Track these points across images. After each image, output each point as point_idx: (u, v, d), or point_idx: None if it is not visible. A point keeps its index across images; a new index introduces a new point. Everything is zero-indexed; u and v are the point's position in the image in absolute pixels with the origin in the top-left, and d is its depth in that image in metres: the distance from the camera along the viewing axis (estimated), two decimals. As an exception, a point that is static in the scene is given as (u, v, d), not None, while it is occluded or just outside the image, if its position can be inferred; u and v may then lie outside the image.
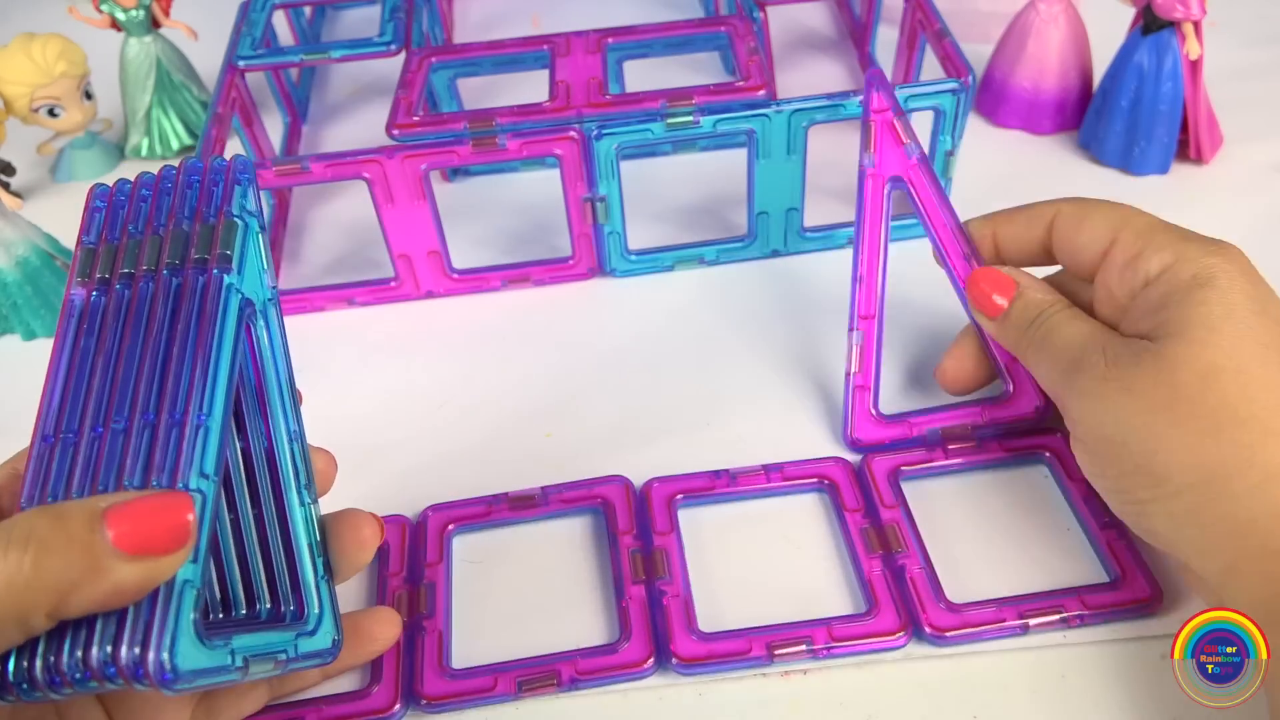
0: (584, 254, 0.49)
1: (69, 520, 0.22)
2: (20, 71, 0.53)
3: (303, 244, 0.54)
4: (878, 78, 0.39)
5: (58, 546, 0.22)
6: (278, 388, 0.30)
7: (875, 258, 0.39)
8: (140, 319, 0.27)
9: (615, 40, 0.49)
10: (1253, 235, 0.49)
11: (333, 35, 0.70)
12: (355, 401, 0.45)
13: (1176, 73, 0.49)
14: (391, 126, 0.45)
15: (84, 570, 0.22)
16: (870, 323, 0.40)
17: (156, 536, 0.22)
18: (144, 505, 0.23)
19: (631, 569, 0.36)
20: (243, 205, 0.28)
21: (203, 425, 0.25)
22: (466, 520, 0.39)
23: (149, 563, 0.22)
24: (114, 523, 0.22)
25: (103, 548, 0.22)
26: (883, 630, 0.34)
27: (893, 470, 0.39)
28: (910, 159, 0.38)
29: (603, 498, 0.39)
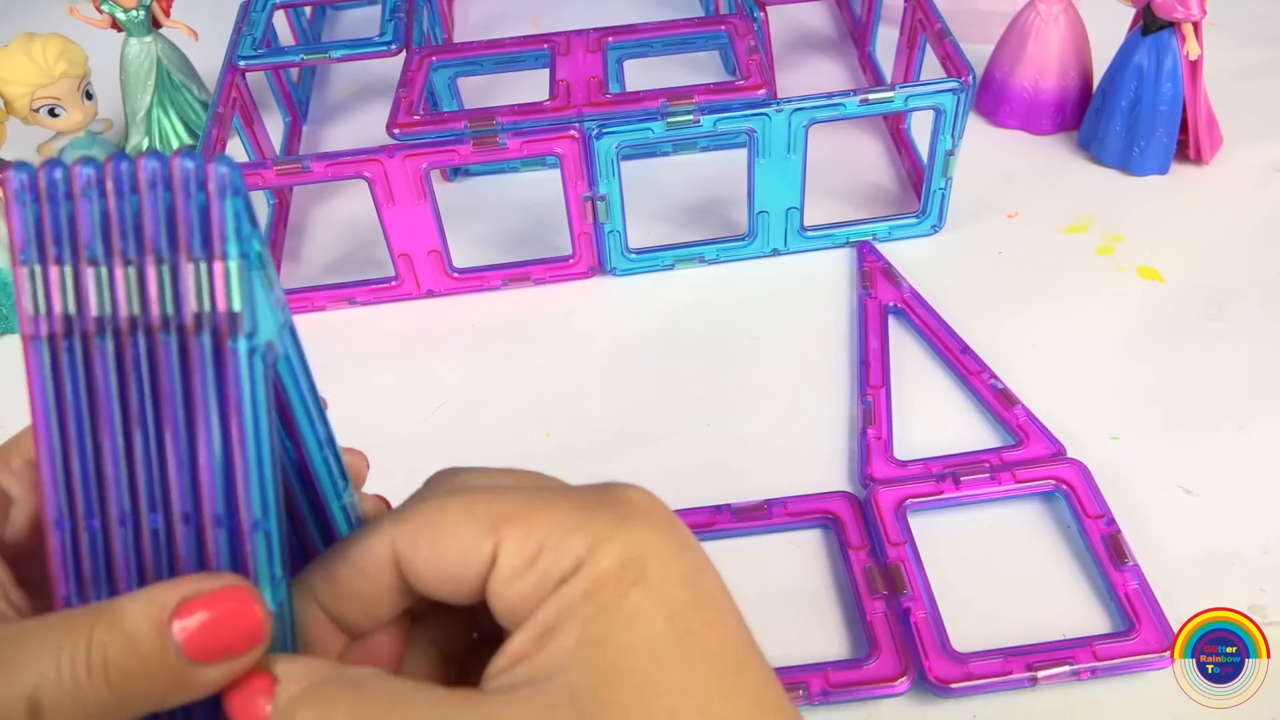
0: (584, 253, 0.49)
1: (138, 641, 0.21)
2: (21, 71, 0.53)
3: (303, 243, 0.54)
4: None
5: (134, 668, 0.21)
6: (303, 406, 0.26)
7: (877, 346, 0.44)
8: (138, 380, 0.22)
9: (615, 39, 0.49)
10: (1253, 235, 0.49)
11: (333, 35, 0.70)
12: (356, 400, 0.45)
13: (1176, 73, 0.49)
14: (392, 126, 0.45)
15: (167, 685, 0.21)
16: (879, 390, 0.43)
17: (231, 638, 0.21)
18: (209, 603, 0.21)
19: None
20: (240, 231, 0.21)
21: (260, 529, 0.22)
22: None
23: (228, 664, 0.21)
24: (185, 636, 0.21)
25: (179, 661, 0.21)
26: (882, 676, 0.33)
27: (899, 503, 0.38)
28: (902, 291, 0.46)
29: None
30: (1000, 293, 0.47)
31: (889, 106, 0.45)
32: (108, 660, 0.21)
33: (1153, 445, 0.40)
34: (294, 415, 0.25)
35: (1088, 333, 0.45)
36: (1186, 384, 0.43)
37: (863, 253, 0.49)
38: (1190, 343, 0.44)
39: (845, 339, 0.46)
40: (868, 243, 0.49)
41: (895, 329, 0.46)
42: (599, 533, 0.22)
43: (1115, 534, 0.36)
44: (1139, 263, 0.48)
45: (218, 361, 0.22)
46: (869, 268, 0.48)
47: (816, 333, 0.46)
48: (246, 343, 0.22)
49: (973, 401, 0.43)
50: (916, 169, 0.53)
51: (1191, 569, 0.36)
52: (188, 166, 0.21)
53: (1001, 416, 0.41)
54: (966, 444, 0.40)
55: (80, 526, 0.22)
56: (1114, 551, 0.36)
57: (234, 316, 0.21)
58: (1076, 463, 0.39)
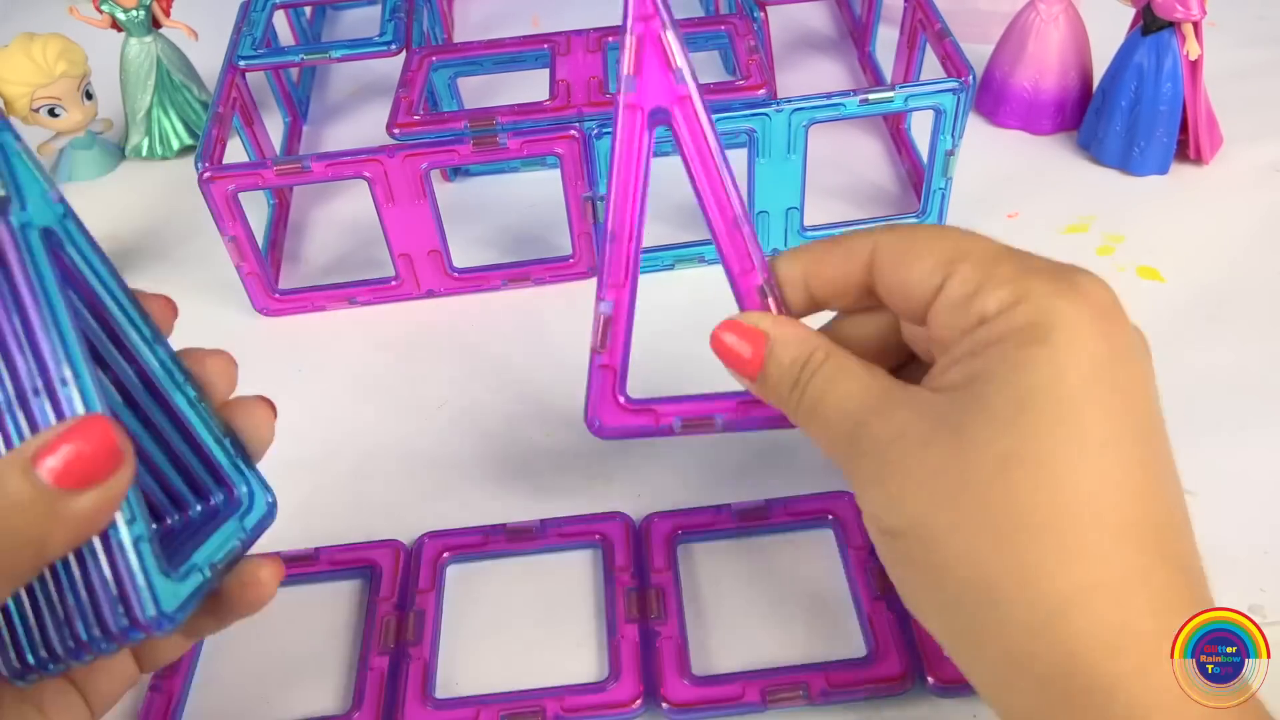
0: (584, 253, 0.49)
1: (5, 482, 0.22)
2: (21, 71, 0.53)
3: (303, 244, 0.54)
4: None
5: (9, 510, 0.22)
6: (115, 303, 0.27)
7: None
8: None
9: (615, 39, 0.49)
10: (1253, 235, 0.49)
11: (333, 35, 0.70)
12: (355, 400, 0.45)
13: (1176, 73, 0.49)
14: (392, 126, 0.45)
15: (45, 522, 0.22)
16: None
17: (94, 464, 0.23)
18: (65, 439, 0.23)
19: (626, 607, 0.35)
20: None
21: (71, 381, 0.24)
22: (462, 549, 0.38)
23: (99, 490, 0.23)
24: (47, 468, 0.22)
25: (50, 495, 0.22)
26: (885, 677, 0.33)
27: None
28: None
29: (602, 534, 0.38)
30: (1000, 293, 0.47)
31: (889, 106, 0.45)
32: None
33: (1153, 445, 0.40)
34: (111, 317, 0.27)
35: (1088, 333, 0.45)
36: (1186, 384, 0.43)
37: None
38: (1190, 343, 0.44)
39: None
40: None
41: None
42: (1027, 292, 0.25)
43: None
44: (1139, 263, 0.48)
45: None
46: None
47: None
48: (18, 217, 0.24)
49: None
50: (916, 169, 0.53)
51: (1191, 569, 0.36)
52: None
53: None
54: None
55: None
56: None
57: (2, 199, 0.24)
58: None
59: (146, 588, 0.24)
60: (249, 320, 0.49)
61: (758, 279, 0.31)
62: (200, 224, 0.48)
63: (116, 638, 0.24)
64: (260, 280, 0.48)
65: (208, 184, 0.44)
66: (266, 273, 0.48)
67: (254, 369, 0.47)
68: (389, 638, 0.35)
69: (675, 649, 0.34)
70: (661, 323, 0.48)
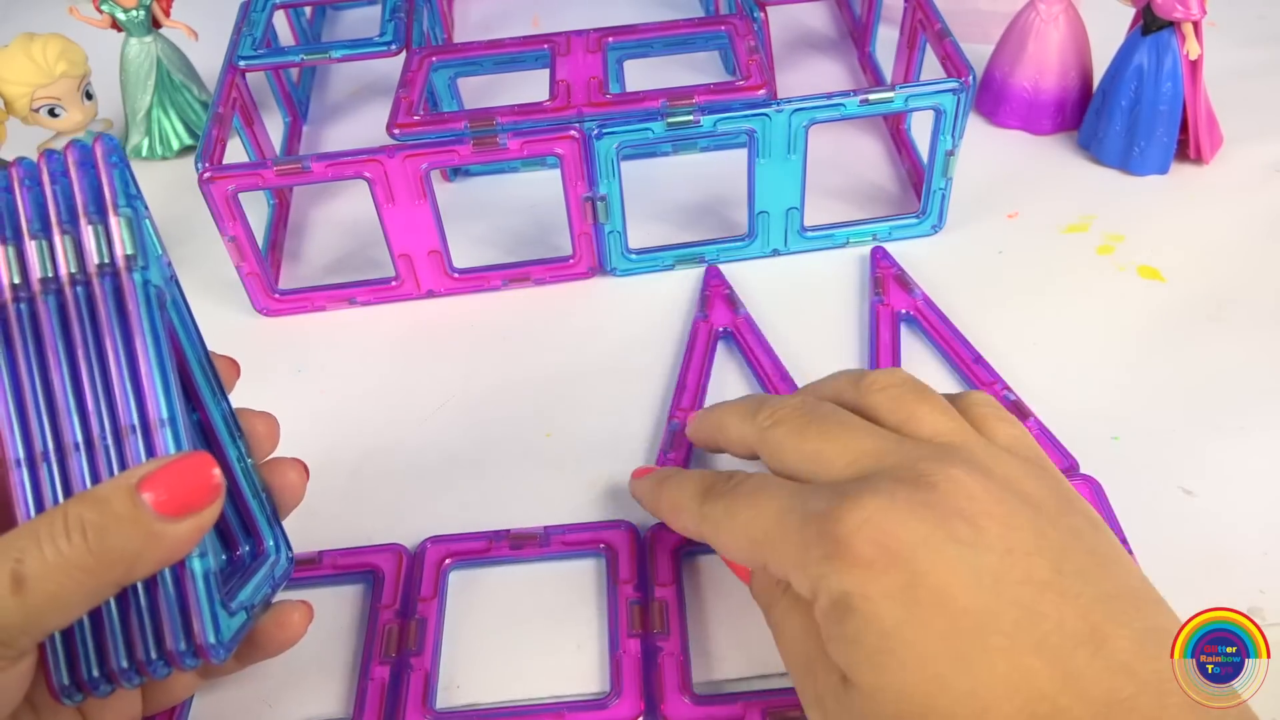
0: (584, 253, 0.49)
1: (111, 502, 0.24)
2: (20, 71, 0.53)
3: (303, 244, 0.54)
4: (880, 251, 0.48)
5: (111, 526, 0.24)
6: (196, 358, 0.31)
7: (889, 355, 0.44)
8: (62, 330, 0.27)
9: (615, 39, 0.49)
10: (1253, 235, 0.49)
11: (333, 35, 0.70)
12: (355, 400, 0.45)
13: (1176, 73, 0.49)
14: (392, 126, 0.45)
15: (142, 541, 0.24)
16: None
17: (193, 495, 0.25)
18: (171, 471, 0.25)
19: (629, 621, 0.35)
20: (127, 192, 0.28)
21: (168, 424, 0.26)
22: (465, 555, 0.38)
23: (193, 519, 0.25)
24: (151, 493, 0.24)
25: (150, 517, 0.24)
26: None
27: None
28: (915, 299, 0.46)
29: (606, 543, 0.38)
30: (1000, 292, 0.47)
31: (889, 106, 0.45)
32: (85, 523, 0.23)
33: (1153, 445, 0.40)
34: (192, 373, 0.30)
35: (1088, 332, 0.45)
36: (1186, 384, 0.43)
37: (876, 258, 0.48)
38: (1190, 343, 0.44)
39: (847, 339, 0.46)
40: (881, 248, 0.49)
41: (906, 337, 0.45)
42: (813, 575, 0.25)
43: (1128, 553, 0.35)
44: (1139, 262, 0.48)
45: (118, 292, 0.27)
46: (882, 274, 0.47)
47: (819, 334, 0.46)
48: (141, 275, 0.27)
49: None
50: (916, 169, 0.53)
51: (1191, 569, 0.36)
52: (79, 150, 0.28)
53: None
54: None
55: (41, 465, 0.26)
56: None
57: (129, 258, 0.27)
58: (1090, 479, 0.38)
59: (210, 616, 0.26)
60: (249, 320, 0.49)
61: None
62: (200, 224, 0.48)
63: (175, 660, 0.26)
64: (260, 280, 0.48)
65: (208, 184, 0.44)
66: (266, 273, 0.48)
67: (254, 369, 0.47)
68: (390, 646, 0.35)
69: (677, 665, 0.34)
70: (661, 321, 0.48)
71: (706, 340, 0.45)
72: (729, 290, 0.47)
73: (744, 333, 0.45)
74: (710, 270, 0.49)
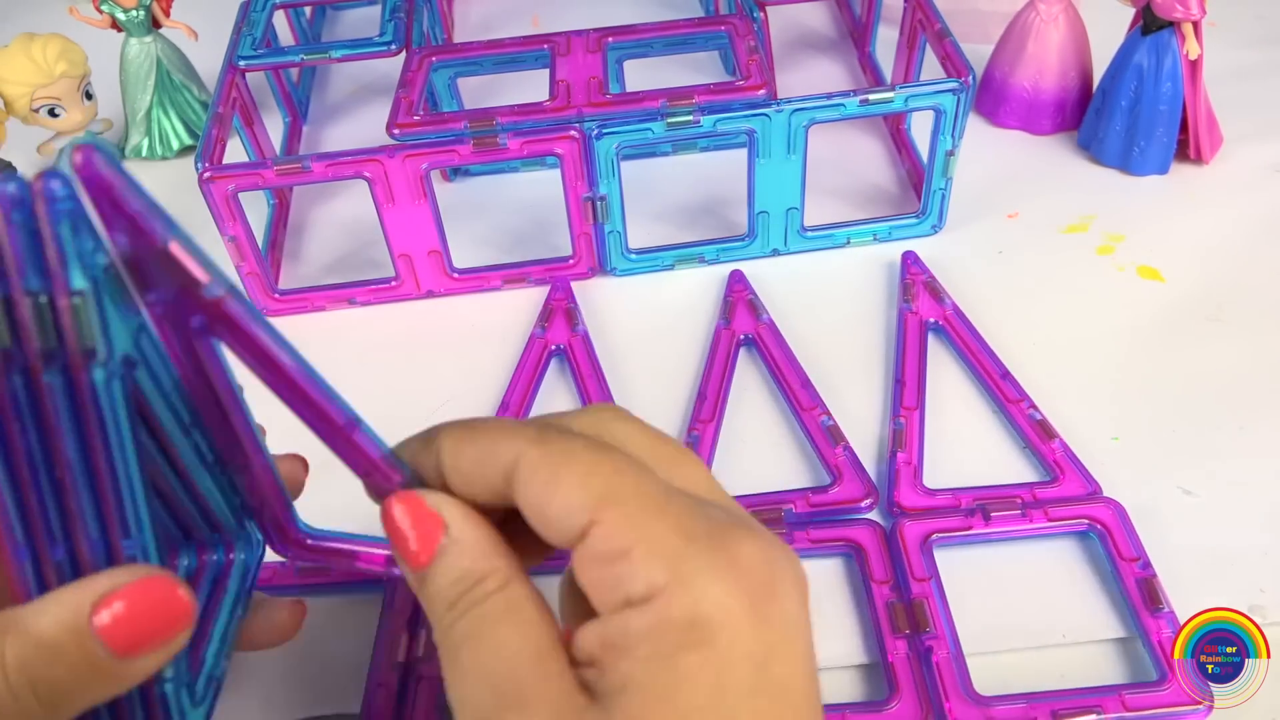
0: (584, 253, 0.49)
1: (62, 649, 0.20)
2: (21, 71, 0.53)
3: (303, 244, 0.54)
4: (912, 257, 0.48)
5: (62, 676, 0.20)
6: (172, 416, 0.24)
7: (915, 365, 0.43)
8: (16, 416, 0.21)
9: (615, 39, 0.49)
10: (1253, 235, 0.49)
11: (333, 35, 0.70)
12: (355, 401, 0.45)
13: (1176, 73, 0.49)
14: (392, 126, 0.45)
15: (100, 684, 0.21)
16: (914, 412, 0.41)
17: (155, 631, 0.21)
18: (132, 595, 0.21)
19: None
20: (82, 258, 0.19)
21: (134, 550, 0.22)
22: None
23: (154, 655, 0.21)
24: (108, 635, 0.20)
25: (108, 660, 0.20)
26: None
27: (925, 537, 0.36)
28: (945, 308, 0.45)
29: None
30: (1000, 292, 0.47)
31: (889, 107, 0.45)
32: (33, 677, 0.20)
33: (1153, 445, 0.40)
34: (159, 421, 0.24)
35: (1088, 332, 0.45)
36: (1186, 384, 0.43)
37: (906, 263, 0.48)
38: (1190, 343, 0.44)
39: (848, 341, 0.46)
40: (913, 253, 0.48)
41: (933, 346, 0.44)
42: (684, 573, 0.20)
43: (1150, 578, 0.35)
44: (1139, 262, 0.48)
45: (71, 389, 0.20)
46: (912, 280, 0.46)
47: (819, 334, 0.46)
48: (103, 371, 0.20)
49: (1009, 431, 0.41)
50: (916, 169, 0.53)
51: (1191, 569, 0.36)
52: (9, 191, 0.19)
53: (1038, 449, 0.40)
54: (999, 476, 0.39)
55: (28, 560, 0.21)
56: (1148, 597, 0.34)
57: (89, 351, 0.20)
58: (1112, 502, 0.37)
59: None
60: (249, 320, 0.49)
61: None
62: (200, 224, 0.48)
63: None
64: (260, 280, 0.48)
65: (208, 184, 0.44)
66: (266, 273, 0.48)
67: (254, 369, 0.47)
68: (399, 653, 0.35)
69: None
70: (661, 321, 0.48)
71: (728, 349, 0.44)
72: (752, 295, 0.47)
73: (765, 340, 0.45)
74: (734, 275, 0.48)
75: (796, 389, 0.42)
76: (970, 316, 0.45)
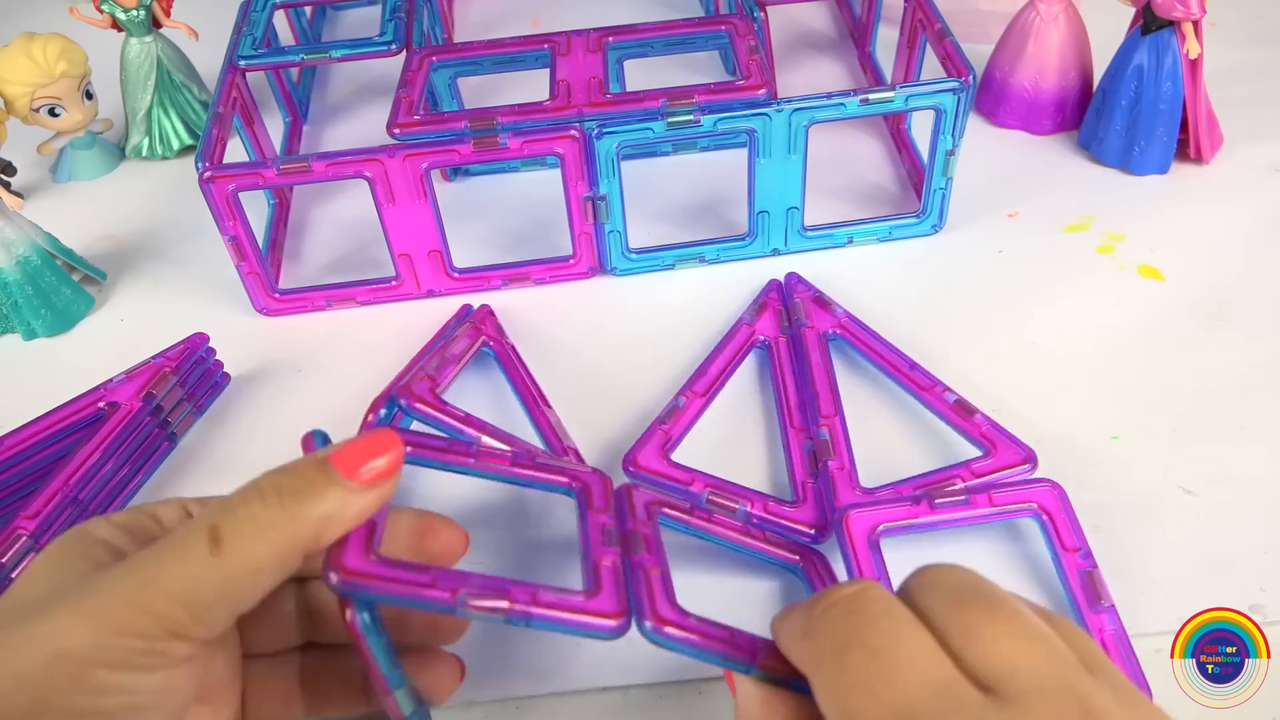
0: (585, 253, 0.49)
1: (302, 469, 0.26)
2: (21, 71, 0.54)
3: (303, 243, 0.54)
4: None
5: (302, 489, 0.25)
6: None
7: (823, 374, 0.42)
8: None
9: (615, 39, 0.49)
10: (1253, 235, 0.49)
11: (333, 35, 0.70)
12: (355, 401, 0.45)
13: (1176, 72, 0.49)
14: (392, 126, 0.45)
15: (330, 502, 0.25)
16: (834, 419, 0.40)
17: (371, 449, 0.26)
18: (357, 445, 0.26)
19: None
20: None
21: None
22: None
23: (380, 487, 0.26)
24: (339, 465, 0.26)
25: (340, 483, 0.25)
26: None
27: (872, 530, 0.35)
28: (838, 317, 0.45)
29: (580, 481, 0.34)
30: (1000, 292, 0.47)
31: (889, 106, 0.45)
32: (279, 486, 0.25)
33: (1153, 445, 0.40)
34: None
35: (1088, 332, 0.45)
36: (1186, 384, 0.43)
37: (791, 285, 0.47)
38: (1190, 342, 0.44)
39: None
40: (794, 274, 0.48)
41: (836, 356, 0.44)
42: None
43: (1091, 570, 0.34)
44: (1139, 262, 0.48)
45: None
46: (800, 299, 0.45)
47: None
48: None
49: (931, 418, 0.41)
50: (916, 169, 0.53)
51: (1191, 569, 0.36)
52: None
53: (963, 428, 0.39)
54: (933, 463, 0.39)
55: None
56: (1090, 592, 0.34)
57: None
58: (1053, 485, 0.36)
59: None
60: (249, 320, 0.49)
61: None
62: (200, 224, 0.48)
63: None
64: (260, 280, 0.48)
65: (208, 184, 0.44)
66: (266, 273, 0.48)
67: (254, 369, 0.47)
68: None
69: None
70: (661, 321, 0.48)
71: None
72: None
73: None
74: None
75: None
76: (970, 316, 0.45)
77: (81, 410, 0.41)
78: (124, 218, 0.56)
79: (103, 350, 0.48)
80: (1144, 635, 0.34)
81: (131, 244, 0.54)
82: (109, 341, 0.49)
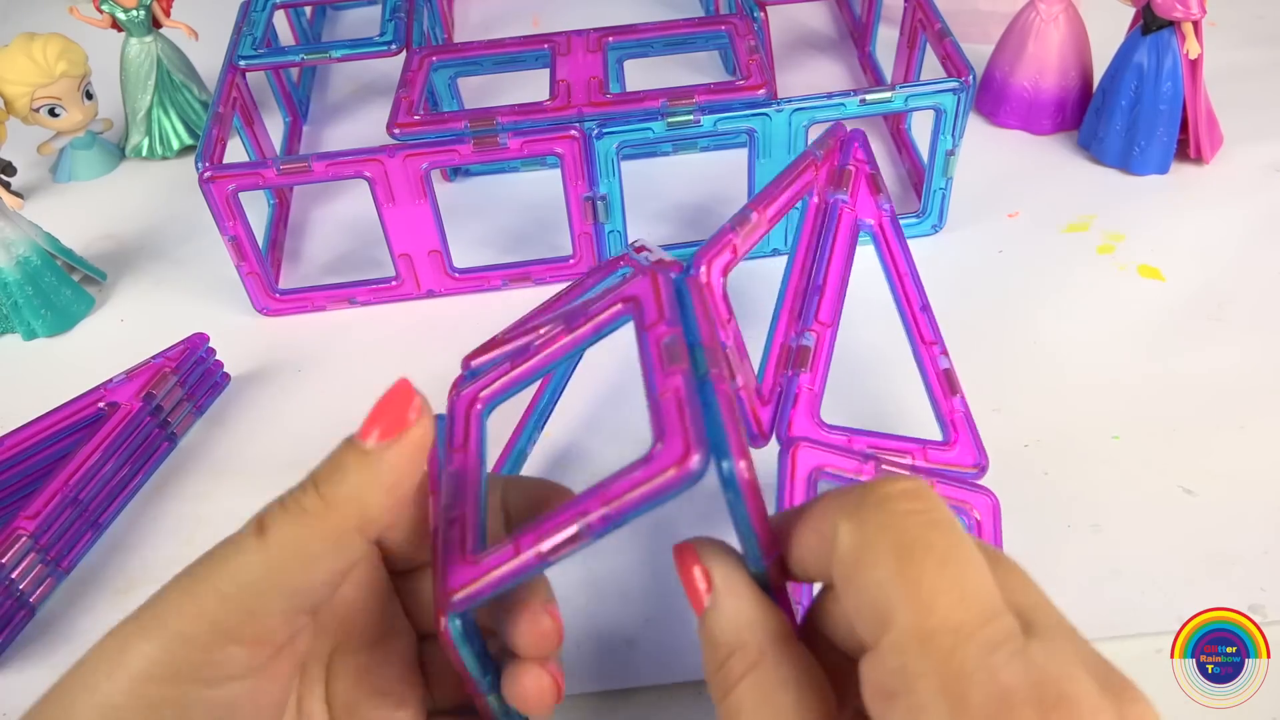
0: (585, 253, 0.49)
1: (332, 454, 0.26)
2: (21, 71, 0.54)
3: (303, 243, 0.54)
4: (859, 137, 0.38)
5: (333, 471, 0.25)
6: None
7: (839, 272, 0.37)
8: None
9: (615, 39, 0.49)
10: (1253, 235, 0.49)
11: (333, 35, 0.70)
12: (355, 401, 0.45)
13: (1176, 72, 0.49)
14: (392, 126, 0.45)
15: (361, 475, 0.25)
16: (827, 329, 0.36)
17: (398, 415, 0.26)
18: (377, 408, 0.26)
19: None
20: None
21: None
22: None
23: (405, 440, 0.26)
24: (360, 433, 0.26)
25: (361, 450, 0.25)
26: None
27: (812, 470, 0.33)
28: (882, 211, 0.38)
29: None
30: (1001, 292, 0.47)
31: (889, 106, 0.45)
32: (314, 476, 0.25)
33: (1153, 445, 0.40)
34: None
35: (1088, 331, 0.45)
36: (1186, 384, 0.43)
37: (851, 144, 0.38)
38: (1190, 342, 0.44)
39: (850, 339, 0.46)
40: (862, 132, 0.38)
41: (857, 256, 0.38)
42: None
43: None
44: (1139, 261, 0.48)
45: None
46: (854, 167, 0.38)
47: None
48: None
49: (915, 373, 0.37)
50: (916, 169, 0.53)
51: (1191, 569, 0.36)
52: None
53: (938, 403, 0.36)
54: (894, 423, 0.38)
55: None
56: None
57: None
58: (992, 497, 0.34)
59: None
60: (249, 320, 0.49)
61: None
62: (200, 224, 0.48)
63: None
64: (260, 280, 0.48)
65: (208, 184, 0.44)
66: (266, 273, 0.48)
67: (254, 369, 0.47)
68: None
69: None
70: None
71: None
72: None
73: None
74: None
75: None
76: (970, 315, 0.45)
77: (81, 410, 0.41)
78: (124, 218, 0.56)
79: (103, 350, 0.48)
80: (1144, 635, 0.34)
81: (131, 244, 0.54)
82: (109, 342, 0.49)
